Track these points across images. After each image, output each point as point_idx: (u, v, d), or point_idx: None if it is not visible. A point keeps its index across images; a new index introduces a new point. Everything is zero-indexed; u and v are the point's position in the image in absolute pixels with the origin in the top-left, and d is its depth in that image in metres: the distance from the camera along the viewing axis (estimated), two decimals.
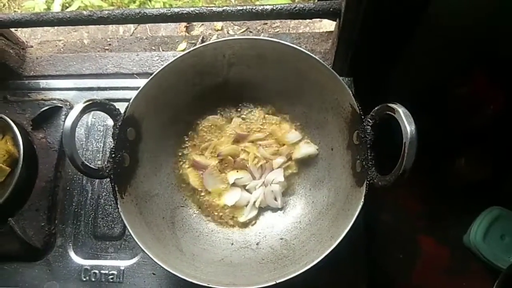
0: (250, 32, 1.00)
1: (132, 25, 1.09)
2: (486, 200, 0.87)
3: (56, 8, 2.09)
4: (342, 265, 0.75)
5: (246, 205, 0.76)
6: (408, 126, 0.54)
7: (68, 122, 0.60)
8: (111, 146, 0.66)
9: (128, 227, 0.62)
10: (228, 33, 1.01)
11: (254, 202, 0.76)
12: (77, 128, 0.61)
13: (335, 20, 0.78)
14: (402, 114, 0.55)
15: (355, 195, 0.64)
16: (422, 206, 0.91)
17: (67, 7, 2.09)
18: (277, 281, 0.59)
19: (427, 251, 0.89)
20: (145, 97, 0.69)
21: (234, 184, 0.76)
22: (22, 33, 1.01)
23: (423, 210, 0.91)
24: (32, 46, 1.00)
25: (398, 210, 0.92)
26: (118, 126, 0.66)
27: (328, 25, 0.98)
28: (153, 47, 0.97)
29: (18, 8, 2.21)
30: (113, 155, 0.65)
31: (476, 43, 0.75)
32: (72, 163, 0.61)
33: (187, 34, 0.99)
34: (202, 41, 0.96)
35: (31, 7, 2.12)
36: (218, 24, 1.03)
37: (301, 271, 0.60)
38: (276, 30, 1.02)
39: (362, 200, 0.61)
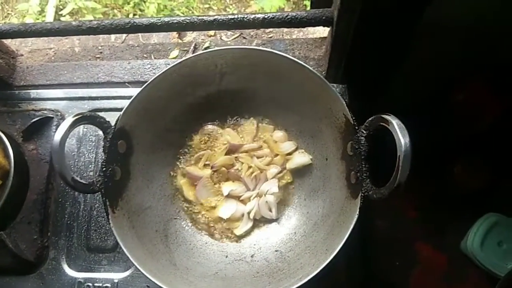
0: (244, 38, 0.99)
1: None
2: (484, 207, 0.87)
3: (49, 10, 2.08)
4: (337, 273, 0.74)
5: (241, 217, 0.75)
6: (402, 139, 0.53)
7: (57, 137, 0.58)
8: (102, 160, 0.65)
9: (121, 243, 0.61)
10: (221, 39, 1.00)
11: (249, 213, 0.75)
12: (68, 139, 0.61)
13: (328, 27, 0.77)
14: (396, 126, 0.54)
15: (350, 207, 0.64)
16: (419, 213, 0.91)
17: (61, 9, 2.08)
18: None
19: (424, 258, 0.88)
20: (135, 109, 0.68)
21: (228, 196, 0.75)
22: (12, 41, 0.99)
23: (420, 216, 0.91)
24: (22, 55, 0.98)
25: (395, 217, 0.91)
26: (108, 139, 0.65)
27: (322, 30, 0.97)
28: (145, 55, 0.96)
29: (12, 11, 2.20)
30: (103, 169, 0.64)
31: (473, 51, 0.75)
32: (62, 179, 0.60)
33: (179, 41, 0.98)
34: (195, 48, 0.95)
35: (25, 10, 2.11)
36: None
37: (296, 286, 0.59)
38: (269, 36, 1.01)
39: (357, 213, 0.60)
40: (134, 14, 2.10)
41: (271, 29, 1.00)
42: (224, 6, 2.10)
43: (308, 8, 1.64)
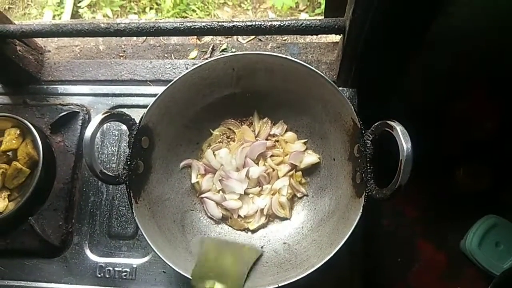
0: (260, 40, 1.03)
1: None
2: (483, 208, 0.90)
3: (68, 2, 2.14)
4: (341, 267, 0.78)
5: (255, 213, 0.80)
6: (404, 144, 0.57)
7: (88, 132, 0.64)
8: (127, 154, 0.70)
9: (142, 231, 0.67)
10: (237, 40, 1.04)
11: (262, 210, 0.79)
12: None
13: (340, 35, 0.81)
14: (400, 132, 0.58)
15: (354, 205, 0.68)
16: (420, 212, 0.94)
17: (80, 1, 2.14)
18: (280, 284, 0.64)
19: (424, 256, 0.92)
20: (158, 108, 0.74)
21: (244, 194, 0.80)
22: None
23: (422, 216, 0.94)
24: (49, 51, 1.03)
25: (397, 215, 0.95)
26: (133, 136, 0.70)
27: (335, 35, 1.01)
28: (166, 55, 1.00)
29: (31, 2, 2.26)
30: (128, 163, 0.69)
31: (476, 63, 0.77)
32: (92, 171, 0.65)
33: (198, 42, 1.03)
34: (213, 49, 1.00)
35: (44, 1, 2.18)
36: None
37: (302, 276, 0.64)
38: (284, 39, 1.05)
39: (361, 211, 0.64)
40: (151, 8, 2.15)
41: None
42: (239, 1, 2.13)
43: (323, 6, 1.66)
